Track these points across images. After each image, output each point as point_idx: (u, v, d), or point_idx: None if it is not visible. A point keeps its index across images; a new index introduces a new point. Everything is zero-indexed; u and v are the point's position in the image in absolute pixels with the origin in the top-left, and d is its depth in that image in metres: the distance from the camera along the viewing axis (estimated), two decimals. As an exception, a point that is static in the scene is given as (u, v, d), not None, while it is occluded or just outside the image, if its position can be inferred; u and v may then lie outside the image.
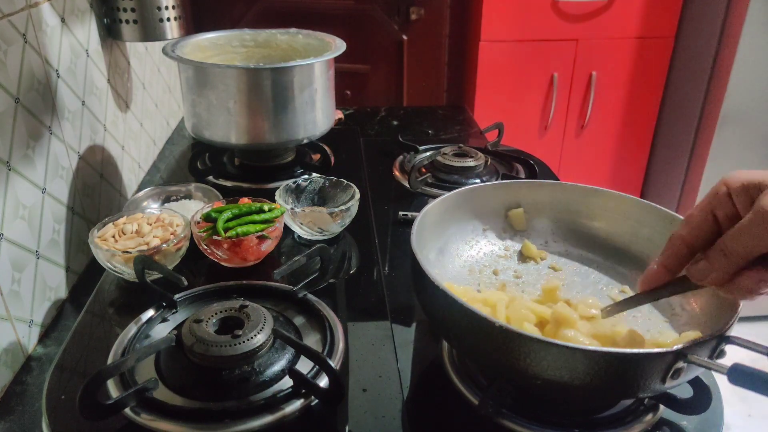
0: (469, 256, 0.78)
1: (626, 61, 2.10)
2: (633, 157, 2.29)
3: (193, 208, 0.91)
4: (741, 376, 0.47)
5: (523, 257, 0.79)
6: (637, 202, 0.75)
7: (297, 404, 0.56)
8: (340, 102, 1.23)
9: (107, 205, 0.98)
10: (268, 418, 0.54)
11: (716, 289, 0.51)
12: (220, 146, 1.06)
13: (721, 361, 0.52)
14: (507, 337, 0.51)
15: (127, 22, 1.00)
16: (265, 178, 1.06)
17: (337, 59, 1.05)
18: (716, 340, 0.52)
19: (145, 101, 1.20)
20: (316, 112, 1.04)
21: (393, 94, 2.27)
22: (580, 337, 0.57)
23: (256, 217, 0.82)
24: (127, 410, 0.54)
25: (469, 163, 1.09)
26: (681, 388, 0.58)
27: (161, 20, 1.03)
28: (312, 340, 0.65)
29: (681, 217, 0.71)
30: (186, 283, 0.72)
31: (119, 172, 1.05)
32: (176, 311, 0.69)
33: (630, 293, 0.73)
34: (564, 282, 0.75)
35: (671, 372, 0.51)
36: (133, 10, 0.99)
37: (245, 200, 0.86)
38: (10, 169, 0.69)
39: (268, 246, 0.81)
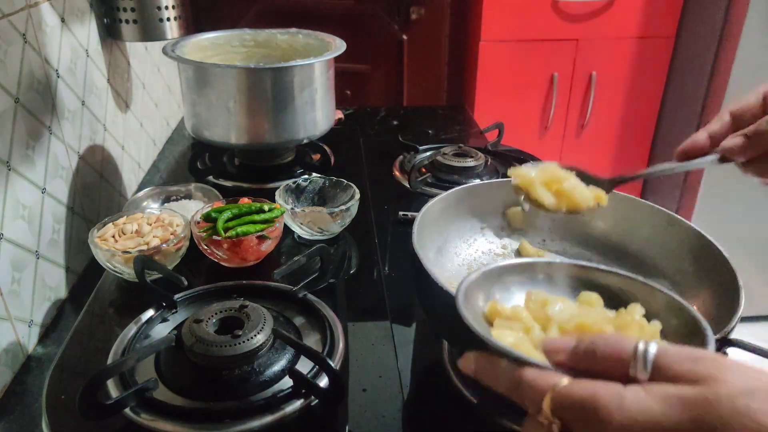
0: (467, 255, 0.78)
1: (626, 61, 2.10)
2: (633, 157, 2.29)
3: (193, 208, 0.90)
4: None
5: (520, 256, 0.79)
6: (636, 201, 0.75)
7: (297, 404, 0.56)
8: (340, 102, 1.23)
9: (107, 205, 0.98)
10: (268, 418, 0.54)
11: (741, 166, 0.57)
12: (220, 146, 1.06)
13: None
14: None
15: (127, 22, 1.00)
16: (265, 178, 1.06)
17: (337, 59, 1.05)
18: (719, 343, 0.52)
19: (145, 101, 1.20)
20: (316, 112, 1.04)
21: (393, 94, 2.27)
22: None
23: (256, 217, 0.82)
24: (127, 410, 0.54)
25: (469, 163, 1.09)
26: (681, 388, 0.58)
27: (161, 20, 1.03)
28: (312, 340, 0.65)
29: (680, 217, 0.71)
30: (186, 283, 0.72)
31: (119, 172, 1.05)
32: (176, 311, 0.69)
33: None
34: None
35: None
36: (133, 10, 0.99)
37: (245, 200, 0.86)
38: (10, 169, 0.69)
39: (268, 246, 0.81)
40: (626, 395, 0.31)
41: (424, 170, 1.10)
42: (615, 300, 0.51)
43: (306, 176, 0.99)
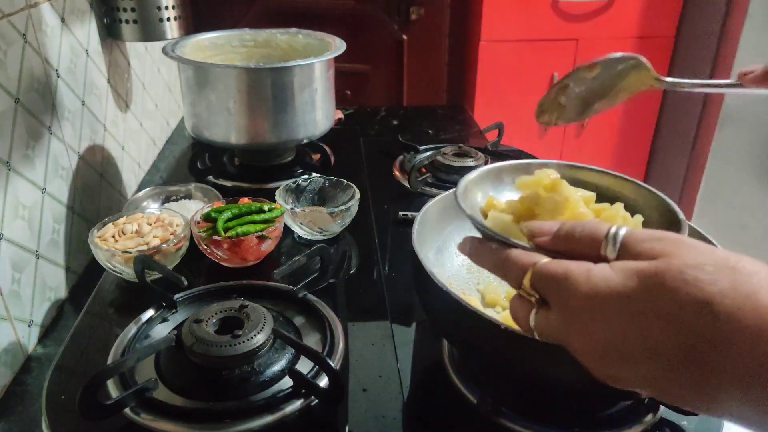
0: (468, 255, 0.78)
1: (626, 61, 2.10)
2: (633, 157, 2.29)
3: (193, 208, 0.91)
4: None
5: None
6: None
7: (297, 404, 0.56)
8: (340, 102, 1.23)
9: (107, 205, 0.98)
10: (268, 418, 0.54)
11: None
12: (220, 146, 1.06)
13: None
14: (510, 338, 0.51)
15: (127, 22, 1.00)
16: (265, 178, 1.06)
17: (337, 59, 1.05)
18: None
19: (145, 101, 1.20)
20: (316, 112, 1.04)
21: (393, 94, 2.27)
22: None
23: (256, 217, 0.82)
24: (127, 410, 0.54)
25: (469, 163, 1.09)
26: (681, 388, 0.58)
27: (161, 20, 1.03)
28: (312, 340, 0.65)
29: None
30: (186, 283, 0.72)
31: (119, 172, 1.05)
32: (176, 311, 0.69)
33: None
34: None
35: None
36: (133, 10, 0.99)
37: (245, 200, 0.86)
38: (10, 169, 0.69)
39: (268, 246, 0.81)
40: (593, 269, 0.36)
41: (424, 170, 1.10)
42: (603, 198, 0.57)
43: (306, 176, 0.99)
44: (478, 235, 0.49)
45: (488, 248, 0.43)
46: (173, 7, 1.03)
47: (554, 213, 0.50)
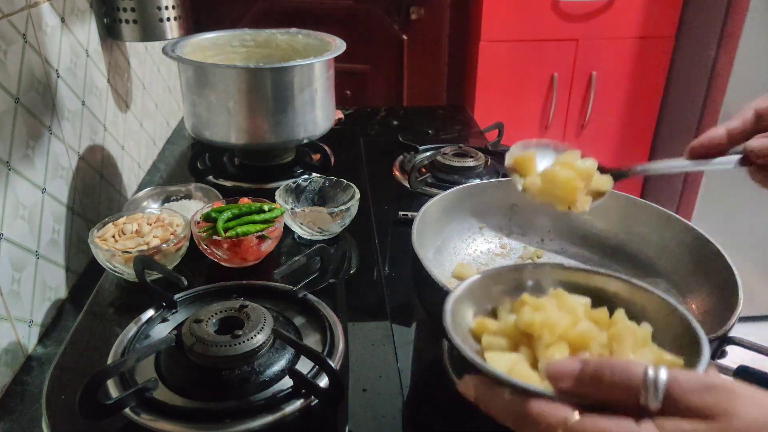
0: (466, 254, 0.78)
1: (626, 61, 2.10)
2: (633, 157, 2.29)
3: (193, 208, 0.91)
4: (747, 377, 0.47)
5: (520, 256, 0.79)
6: (634, 200, 0.75)
7: (297, 404, 0.56)
8: (340, 102, 1.23)
9: (107, 205, 0.98)
10: (268, 418, 0.54)
11: (752, 170, 0.51)
12: (220, 146, 1.06)
13: (723, 361, 0.52)
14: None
15: (127, 22, 1.00)
16: (265, 178, 1.06)
17: (337, 59, 1.05)
18: (718, 341, 0.53)
19: (145, 101, 1.20)
20: (316, 112, 1.04)
21: (393, 94, 2.27)
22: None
23: (256, 217, 0.82)
24: (127, 410, 0.54)
25: (469, 163, 1.09)
26: (681, 388, 0.58)
27: (161, 20, 1.03)
28: (312, 340, 0.65)
29: (677, 215, 0.71)
30: (186, 283, 0.72)
31: (119, 172, 1.05)
32: (176, 311, 0.69)
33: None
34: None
35: None
36: (133, 10, 0.99)
37: (245, 200, 0.86)
38: (10, 169, 0.69)
39: (268, 246, 0.81)
40: None
41: (424, 170, 1.10)
42: (603, 301, 0.49)
43: (306, 176, 0.99)
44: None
45: (501, 397, 0.36)
46: (173, 7, 1.03)
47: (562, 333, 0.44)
